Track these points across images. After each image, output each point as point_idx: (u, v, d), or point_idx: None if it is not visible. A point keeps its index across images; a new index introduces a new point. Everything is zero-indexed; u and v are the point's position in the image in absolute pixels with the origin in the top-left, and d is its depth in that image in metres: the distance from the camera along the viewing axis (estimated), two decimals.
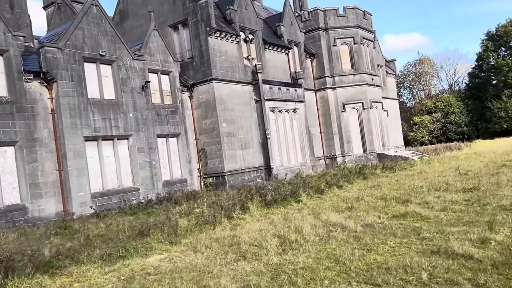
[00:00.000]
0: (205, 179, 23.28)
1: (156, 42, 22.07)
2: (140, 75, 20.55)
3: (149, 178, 20.01)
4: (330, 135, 31.62)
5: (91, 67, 18.63)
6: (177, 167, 22.36)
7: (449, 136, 59.99)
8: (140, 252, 9.50)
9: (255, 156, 24.91)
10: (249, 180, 23.76)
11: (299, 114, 28.34)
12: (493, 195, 11.95)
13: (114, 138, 18.95)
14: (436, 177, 17.72)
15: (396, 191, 15.18)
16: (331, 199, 15.37)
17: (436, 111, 62.30)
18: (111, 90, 19.34)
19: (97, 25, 18.86)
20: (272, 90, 26.09)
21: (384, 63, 44.39)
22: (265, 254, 8.16)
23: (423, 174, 20.01)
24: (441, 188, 14.30)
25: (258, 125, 25.35)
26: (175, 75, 22.72)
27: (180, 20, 24.12)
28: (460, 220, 9.35)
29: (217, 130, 22.87)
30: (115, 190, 18.53)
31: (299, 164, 27.72)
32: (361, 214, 11.45)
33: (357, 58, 32.22)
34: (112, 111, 18.92)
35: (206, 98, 23.19)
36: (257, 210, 13.76)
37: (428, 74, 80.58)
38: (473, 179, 15.57)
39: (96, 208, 17.36)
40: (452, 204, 11.23)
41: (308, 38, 31.95)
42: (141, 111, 20.23)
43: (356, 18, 32.42)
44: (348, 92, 31.87)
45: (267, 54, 27.44)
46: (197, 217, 13.24)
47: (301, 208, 13.97)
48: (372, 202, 13.44)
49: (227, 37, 24.02)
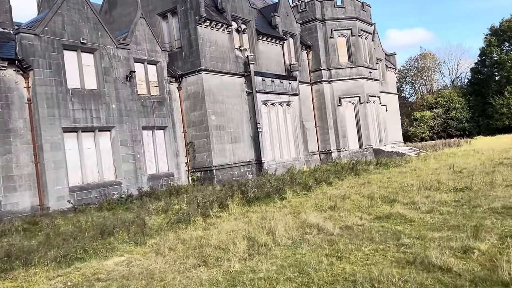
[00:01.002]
0: (193, 174, 22.57)
1: (143, 30, 21.25)
2: (125, 64, 19.77)
3: (132, 171, 19.30)
4: (325, 129, 30.82)
5: (72, 55, 17.86)
6: (163, 161, 21.64)
7: (450, 132, 59.07)
8: (100, 254, 8.80)
9: (246, 151, 24.16)
10: (238, 175, 23.04)
11: (293, 107, 27.54)
12: (485, 195, 11.18)
13: (95, 129, 18.22)
14: (429, 175, 16.94)
15: (385, 189, 14.43)
16: (317, 196, 14.64)
17: (437, 106, 61.35)
18: (93, 79, 18.57)
19: (78, 11, 18.06)
20: (265, 83, 25.28)
21: (384, 57, 43.46)
22: (228, 259, 7.44)
23: (417, 171, 19.24)
24: (432, 187, 13.54)
25: (250, 119, 24.57)
26: (162, 65, 21.93)
27: (169, 8, 23.28)
28: (445, 224, 8.59)
29: (205, 123, 22.11)
30: (95, 184, 17.83)
31: (292, 159, 26.98)
32: (343, 214, 10.72)
33: (355, 51, 31.33)
34: (93, 101, 18.17)
35: (194, 90, 22.41)
36: (237, 208, 13.04)
37: (430, 69, 79.45)
38: (467, 177, 14.81)
39: (74, 202, 16.67)
40: (440, 205, 10.48)
41: (304, 30, 31.06)
42: (125, 102, 19.47)
43: (354, 9, 31.48)
44: (345, 86, 31.01)
45: (261, 45, 26.60)
46: (173, 215, 12.56)
47: (283, 206, 13.25)
48: (358, 200, 12.70)
49: (218, 26, 23.18)
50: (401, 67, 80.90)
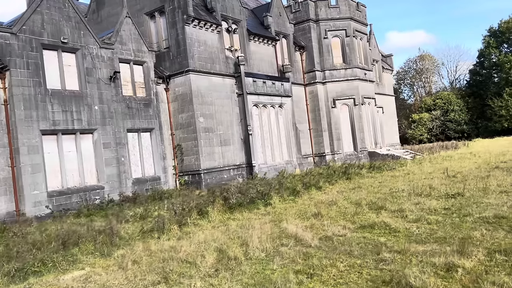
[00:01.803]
0: (181, 177, 21.92)
1: (129, 30, 20.64)
2: (109, 65, 19.15)
3: (115, 175, 18.65)
4: (319, 132, 30.17)
5: (52, 55, 17.23)
6: (149, 164, 20.99)
7: (448, 134, 58.42)
8: (60, 267, 8.15)
9: (236, 154, 23.51)
10: (228, 179, 22.39)
11: (286, 109, 26.92)
12: (477, 203, 10.53)
13: (77, 132, 17.58)
14: (421, 180, 16.32)
15: (375, 195, 13.80)
16: (304, 202, 14.00)
17: (436, 108, 60.69)
18: (75, 80, 17.95)
19: (59, 9, 17.44)
20: (256, 84, 24.65)
21: (381, 58, 42.87)
22: (191, 276, 6.80)
23: (410, 175, 18.59)
24: (423, 192, 12.90)
25: (240, 121, 23.94)
26: (149, 65, 21.31)
27: (157, 7, 22.67)
28: (432, 236, 7.95)
29: (193, 125, 21.47)
30: (76, 189, 17.18)
31: (285, 162, 26.34)
32: (327, 222, 10.07)
33: (349, 52, 30.71)
34: (74, 103, 17.54)
35: (182, 91, 21.78)
36: (217, 215, 12.40)
37: (429, 70, 78.85)
38: (460, 182, 14.16)
39: (53, 208, 16.05)
40: (429, 214, 9.83)
41: (298, 30, 30.44)
42: (108, 103, 18.84)
43: (348, 9, 30.87)
44: (339, 87, 30.38)
45: (252, 45, 25.98)
46: (150, 222, 11.92)
47: (267, 213, 12.61)
48: (345, 207, 12.06)
49: (207, 26, 22.56)
50: (399, 69, 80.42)
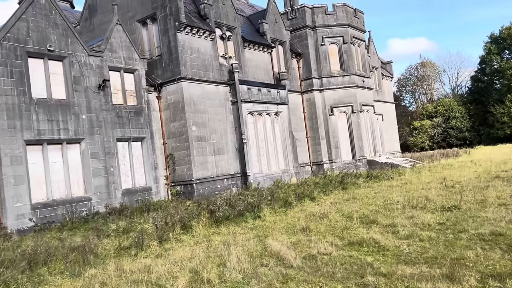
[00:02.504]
0: (173, 188, 21.37)
1: (119, 37, 20.23)
2: (97, 73, 18.71)
3: (104, 186, 18.13)
4: (317, 140, 29.61)
5: (38, 63, 16.80)
6: (140, 174, 20.46)
7: (450, 141, 57.78)
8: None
9: (230, 163, 22.97)
10: (222, 189, 21.83)
11: (282, 117, 26.40)
12: (474, 217, 9.94)
13: (63, 142, 17.09)
14: (418, 190, 15.71)
15: (369, 207, 13.22)
16: (294, 215, 13.41)
17: (437, 115, 60.12)
18: (62, 89, 17.49)
19: (45, 17, 17.04)
20: (251, 91, 24.17)
21: (380, 65, 42.39)
22: None
23: (407, 185, 17.98)
24: (418, 205, 12.30)
25: (235, 129, 23.43)
26: (140, 73, 20.87)
27: (149, 14, 22.27)
28: (422, 255, 7.36)
29: (185, 134, 20.96)
30: (61, 201, 16.66)
31: (281, 171, 25.76)
32: (314, 238, 9.50)
33: (347, 59, 30.23)
34: (61, 112, 17.07)
35: (174, 99, 21.31)
36: (202, 229, 11.83)
37: (430, 77, 78.35)
38: (458, 194, 13.55)
39: (37, 220, 15.52)
40: (422, 229, 9.24)
41: (294, 37, 30.02)
42: (97, 112, 18.37)
43: (346, 16, 30.45)
44: (337, 95, 29.87)
45: (247, 53, 25.54)
46: (131, 237, 11.37)
47: (254, 227, 12.03)
48: (336, 221, 11.49)
49: (200, 33, 22.13)
50: (400, 76, 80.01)
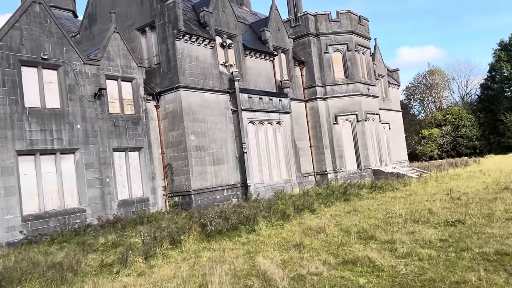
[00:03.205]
0: (171, 198, 20.88)
1: (117, 45, 19.92)
2: (93, 81, 18.38)
3: (98, 197, 17.68)
4: (320, 149, 28.99)
5: (31, 71, 16.49)
6: (137, 185, 20.00)
7: (460, 150, 56.69)
8: None
9: (230, 173, 22.43)
10: (221, 200, 21.28)
11: (284, 126, 25.86)
12: (479, 233, 9.27)
13: (57, 152, 16.71)
14: (423, 202, 15.03)
15: (369, 220, 12.58)
16: (291, 229, 12.81)
17: (446, 124, 59.10)
18: (56, 98, 17.16)
19: (40, 25, 16.76)
20: (252, 100, 23.69)
21: (387, 73, 41.74)
22: None
23: (412, 196, 17.28)
24: (421, 218, 11.65)
25: (235, 138, 22.92)
26: (138, 82, 20.52)
27: (148, 22, 21.97)
28: (420, 277, 6.73)
29: (184, 144, 20.50)
30: (54, 212, 16.22)
31: (283, 181, 25.15)
32: (307, 256, 8.91)
33: (351, 67, 29.68)
34: (54, 121, 16.71)
35: (173, 108, 20.89)
36: (193, 244, 11.28)
37: (439, 85, 77.32)
38: (464, 206, 12.86)
39: (27, 233, 15.11)
40: (422, 247, 8.60)
41: (297, 45, 29.56)
42: (92, 121, 17.99)
43: (350, 23, 29.95)
44: (341, 103, 29.27)
45: (249, 60, 25.11)
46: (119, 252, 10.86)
47: (247, 241, 11.45)
48: (333, 235, 10.88)
49: (199, 41, 21.76)
50: (409, 84, 79.10)
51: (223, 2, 23.99)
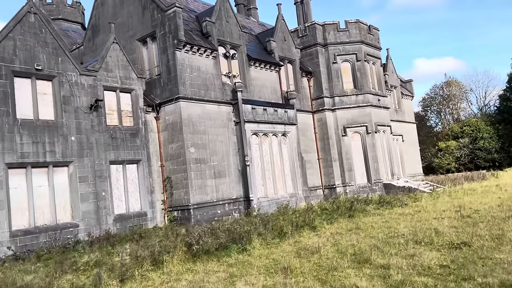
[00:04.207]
0: (170, 213, 20.22)
1: (116, 56, 19.55)
2: (89, 92, 17.97)
3: (92, 212, 17.13)
4: (329, 162, 28.05)
5: (24, 82, 16.16)
6: (135, 199, 19.42)
7: (478, 163, 54.80)
8: None
9: (232, 186, 21.70)
10: (222, 214, 20.54)
11: (290, 138, 25.07)
12: (485, 258, 8.31)
13: (49, 165, 16.25)
14: (430, 220, 14.02)
15: (369, 240, 11.68)
16: (285, 248, 11.97)
17: (463, 136, 57.35)
18: (50, 109, 16.78)
19: (34, 35, 16.47)
20: (256, 111, 23.01)
21: (399, 83, 40.68)
22: None
23: (420, 213, 16.25)
24: (424, 239, 10.69)
25: (238, 150, 22.23)
26: (138, 93, 20.07)
27: (149, 33, 21.60)
28: None
29: (183, 156, 19.89)
30: (45, 227, 15.70)
31: (289, 195, 24.28)
32: (292, 282, 8.10)
33: (360, 77, 28.81)
34: (47, 133, 16.29)
35: (172, 119, 20.35)
36: (177, 265, 10.55)
37: (456, 97, 75.54)
38: (473, 226, 11.86)
39: (16, 249, 14.61)
40: (419, 274, 7.69)
41: (305, 55, 28.88)
42: (87, 133, 17.54)
43: (359, 33, 29.16)
44: (350, 114, 28.37)
45: (253, 71, 24.51)
46: (96, 273, 10.19)
47: (235, 263, 10.66)
48: (326, 257, 10.02)
49: (201, 51, 21.27)
50: (425, 95, 77.51)
51: (226, 12, 23.54)
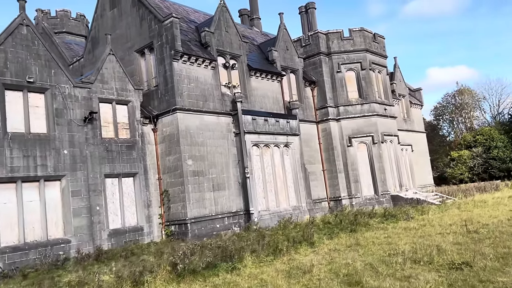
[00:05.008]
0: (168, 227, 19.67)
1: (112, 68, 19.25)
2: (83, 104, 17.64)
3: (85, 227, 16.67)
4: (334, 173, 27.30)
5: (15, 95, 15.88)
6: (131, 213, 18.94)
7: (492, 173, 53.34)
8: None
9: (232, 199, 21.10)
10: (221, 229, 19.94)
11: (293, 149, 24.44)
12: (486, 282, 7.56)
13: (41, 179, 15.87)
14: (434, 235, 13.24)
15: (366, 258, 10.96)
16: (278, 267, 11.29)
17: (476, 145, 55.99)
18: (43, 122, 16.47)
19: (26, 47, 16.24)
20: (256, 122, 22.47)
21: (408, 92, 39.86)
22: None
23: (425, 228, 15.42)
24: (424, 258, 9.94)
25: (238, 162, 21.67)
26: (135, 105, 19.71)
27: (146, 44, 21.31)
28: None
29: (180, 169, 19.39)
30: (35, 244, 15.26)
31: (292, 208, 23.56)
32: None
33: (366, 86, 28.14)
34: (39, 147, 15.94)
35: (170, 131, 19.92)
36: (160, 286, 9.96)
37: (469, 105, 74.08)
38: (479, 242, 11.06)
39: (4, 266, 14.19)
40: None
41: (308, 65, 28.35)
42: (81, 147, 17.16)
43: (363, 41, 28.56)
44: (355, 124, 27.66)
45: (254, 81, 24.02)
46: None
47: (222, 283, 10.03)
48: (317, 279, 9.35)
49: (199, 62, 20.88)
50: (437, 104, 76.23)
51: (226, 22, 23.18)
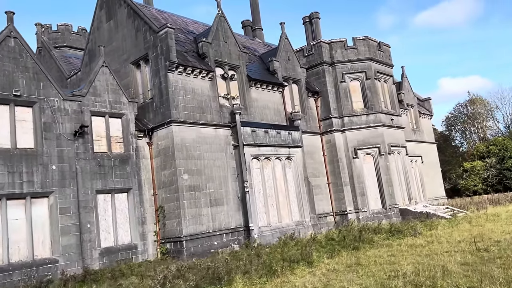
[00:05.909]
0: (163, 245, 18.86)
1: (105, 80, 18.72)
2: (74, 118, 17.07)
3: (74, 246, 15.93)
4: (339, 186, 26.30)
5: (1, 109, 15.33)
6: (125, 230, 18.19)
7: (507, 184, 51.64)
8: None
9: (231, 215, 20.24)
10: (219, 246, 19.06)
11: (295, 161, 23.56)
12: None
13: (27, 196, 15.24)
14: (441, 254, 12.21)
15: (365, 280, 10.01)
16: None
17: (490, 156, 54.38)
18: (30, 137, 15.90)
19: (13, 60, 15.77)
20: (256, 134, 21.70)
21: (417, 102, 38.79)
22: None
23: (433, 245, 14.37)
24: (426, 282, 8.96)
25: (237, 176, 20.87)
26: (129, 118, 19.12)
27: (142, 55, 20.79)
28: None
29: (175, 183, 18.64)
30: (19, 264, 14.57)
31: (295, 224, 22.59)
32: None
33: (371, 96, 27.26)
34: (25, 162, 15.35)
35: (165, 145, 19.23)
36: None
37: (481, 115, 72.48)
38: (489, 262, 10.04)
39: None
40: None
41: (311, 75, 27.61)
42: (70, 162, 16.53)
43: (368, 50, 27.76)
44: (361, 135, 26.72)
45: (254, 92, 23.31)
46: None
47: None
48: None
49: (196, 73, 20.26)
50: (449, 114, 74.78)
51: (224, 32, 22.61)
